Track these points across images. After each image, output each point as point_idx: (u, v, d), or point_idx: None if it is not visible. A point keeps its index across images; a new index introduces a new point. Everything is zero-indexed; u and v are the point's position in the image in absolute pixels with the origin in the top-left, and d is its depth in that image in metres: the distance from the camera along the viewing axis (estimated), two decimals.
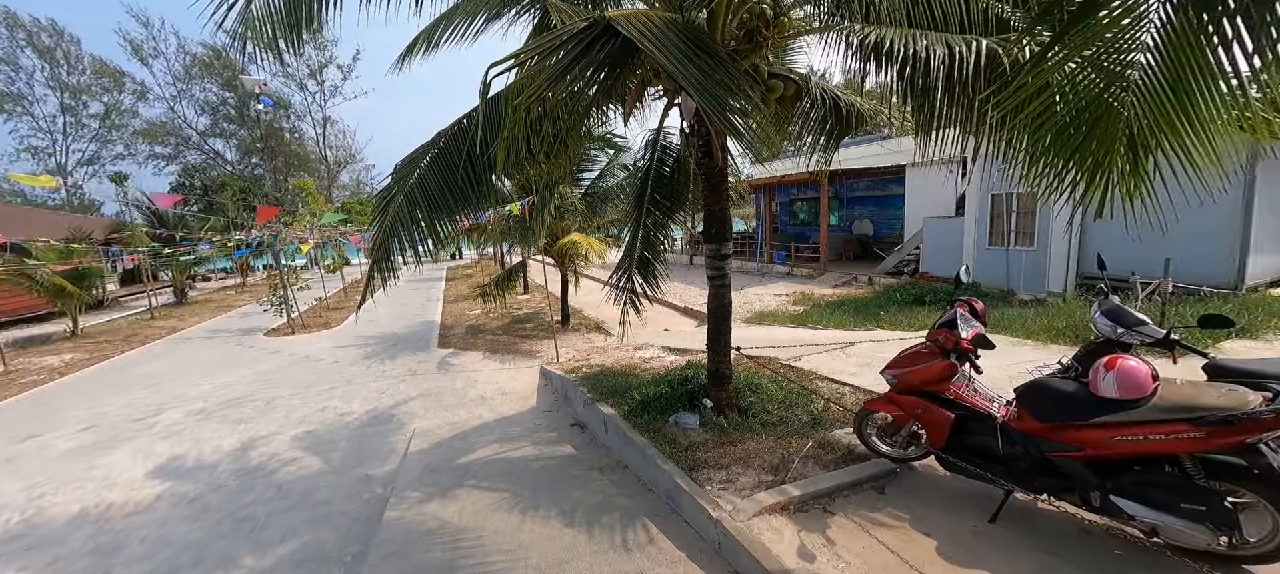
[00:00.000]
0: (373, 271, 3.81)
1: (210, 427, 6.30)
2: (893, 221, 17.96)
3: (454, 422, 5.94)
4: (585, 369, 6.82)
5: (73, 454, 5.69)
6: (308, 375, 8.38)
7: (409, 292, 19.04)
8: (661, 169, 5.19)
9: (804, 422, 3.98)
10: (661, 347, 7.95)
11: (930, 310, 9.22)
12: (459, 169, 3.68)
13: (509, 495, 3.77)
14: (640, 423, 4.15)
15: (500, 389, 7.09)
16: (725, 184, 3.91)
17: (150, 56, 34.61)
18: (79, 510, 4.49)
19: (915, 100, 3.00)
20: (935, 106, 2.94)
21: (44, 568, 3.73)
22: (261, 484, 4.78)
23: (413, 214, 3.62)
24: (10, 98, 32.45)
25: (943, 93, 2.83)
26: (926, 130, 3.15)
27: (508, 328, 11.02)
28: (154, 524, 4.22)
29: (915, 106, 3.10)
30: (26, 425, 6.73)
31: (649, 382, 5.11)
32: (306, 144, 39.78)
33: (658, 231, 5.61)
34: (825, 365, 5.61)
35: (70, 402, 7.74)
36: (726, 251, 4.04)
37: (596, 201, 10.24)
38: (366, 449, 5.40)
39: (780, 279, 15.71)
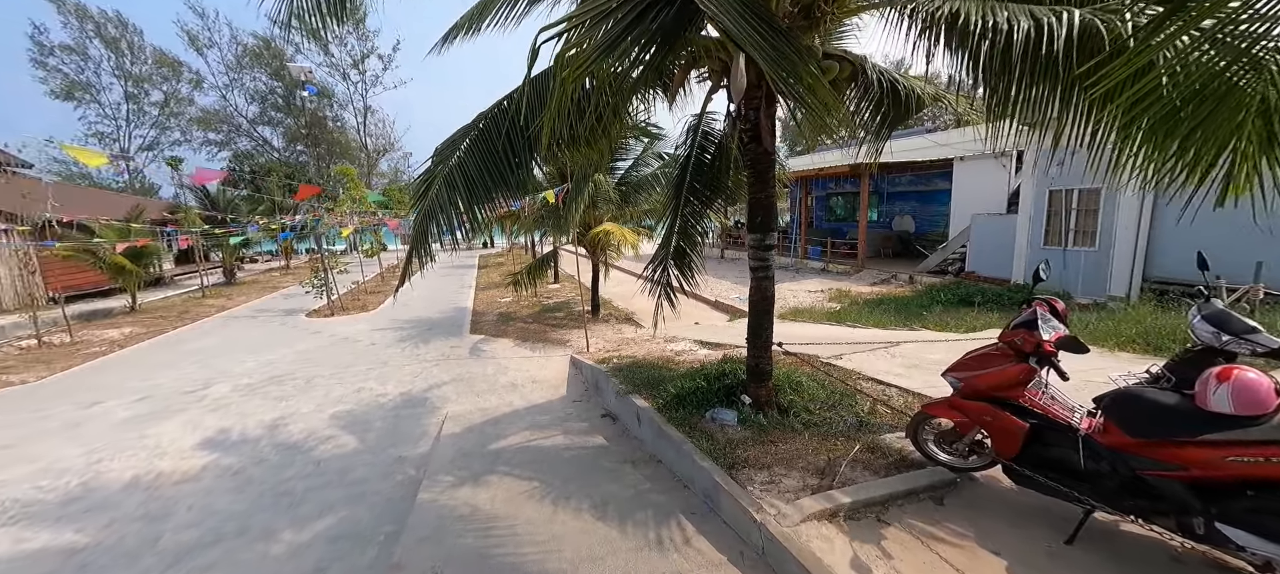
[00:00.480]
0: (411, 255, 3.78)
1: (253, 402, 6.50)
2: (936, 218, 17.22)
3: (485, 407, 5.95)
4: (616, 360, 6.73)
5: (129, 423, 5.96)
6: (345, 356, 8.58)
7: (442, 278, 19.39)
8: (702, 157, 5.01)
9: (849, 423, 3.77)
10: (693, 340, 7.79)
11: (980, 312, 8.74)
12: (498, 152, 3.60)
13: (540, 485, 3.71)
14: (675, 417, 4.01)
15: (531, 376, 7.08)
16: (772, 171, 3.71)
17: (205, 47, 36.29)
18: (132, 477, 4.68)
19: (991, 82, 2.73)
20: (1014, 89, 2.66)
21: (100, 530, 3.88)
22: (300, 460, 4.88)
23: (451, 198, 3.56)
24: (80, 86, 34.55)
25: (1025, 73, 2.56)
26: (1001, 116, 2.87)
27: (538, 316, 11.05)
28: (200, 493, 4.35)
29: (989, 89, 2.83)
30: (89, 394, 7.10)
31: (683, 375, 4.97)
32: (348, 132, 41.04)
33: (695, 222, 5.44)
34: (868, 365, 5.34)
35: (128, 373, 8.14)
36: (771, 243, 3.84)
37: (630, 191, 10.11)
38: (400, 431, 5.45)
39: (815, 275, 15.27)
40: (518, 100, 3.70)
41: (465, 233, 3.60)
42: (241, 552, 3.55)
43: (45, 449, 5.33)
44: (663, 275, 5.48)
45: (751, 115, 3.54)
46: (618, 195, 9.59)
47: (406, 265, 3.72)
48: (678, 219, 5.21)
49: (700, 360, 6.12)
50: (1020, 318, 2.60)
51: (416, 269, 3.73)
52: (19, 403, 6.89)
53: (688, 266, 5.57)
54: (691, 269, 5.58)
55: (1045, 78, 2.62)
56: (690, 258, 5.58)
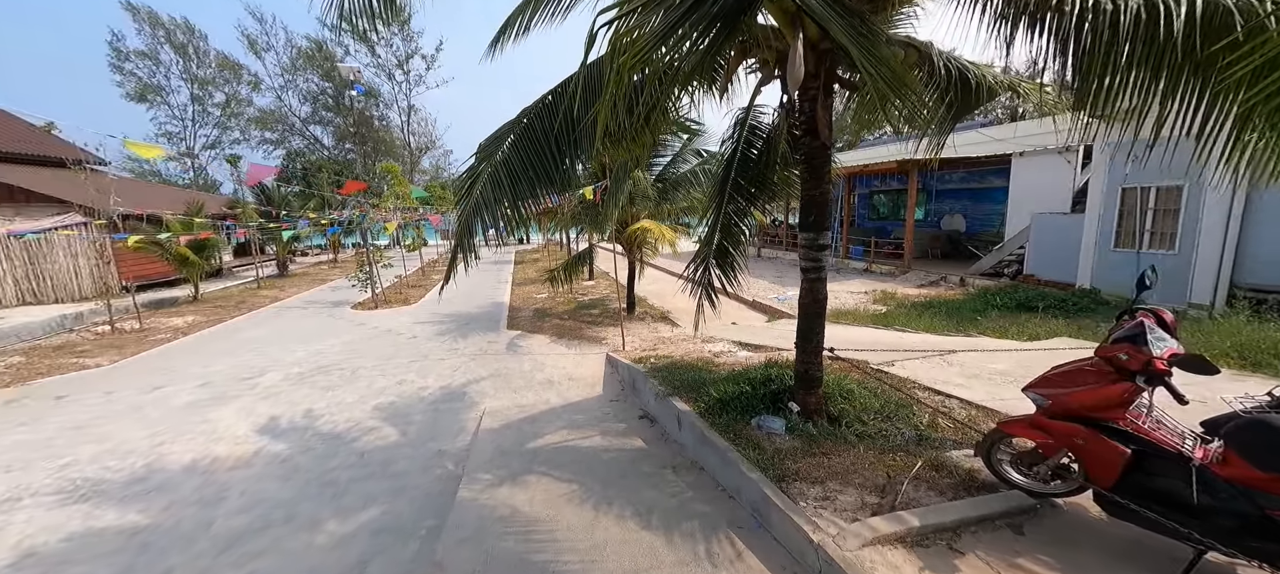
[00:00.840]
0: (456, 252, 3.76)
1: (302, 391, 6.72)
2: (990, 218, 16.32)
3: (522, 404, 5.94)
4: (653, 360, 6.60)
5: (189, 407, 6.25)
6: (388, 348, 8.79)
7: (480, 273, 19.75)
8: (748, 152, 4.80)
9: (907, 436, 3.52)
10: (732, 341, 7.58)
11: (1042, 318, 8.16)
12: (543, 148, 3.53)
13: (579, 488, 3.62)
14: (718, 423, 3.85)
15: (567, 374, 7.04)
16: (828, 166, 3.49)
17: (263, 50, 38.27)
18: (191, 460, 4.88)
19: (1084, 69, 2.44)
20: (1109, 78, 2.37)
21: (160, 511, 4.04)
22: (344, 451, 4.98)
23: (496, 196, 3.51)
24: (152, 89, 37.04)
25: (1130, 59, 2.27)
26: (1091, 106, 2.57)
27: (573, 313, 11.05)
28: (252, 479, 4.49)
29: (1080, 76, 2.54)
30: (154, 378, 7.52)
31: (725, 378, 4.80)
32: (392, 131, 42.45)
33: (739, 220, 5.24)
34: (923, 373, 5.02)
35: (189, 359, 8.59)
36: (825, 242, 3.62)
37: (668, 188, 9.96)
38: (440, 425, 5.50)
39: (857, 276, 14.72)
40: (563, 95, 3.62)
41: (509, 229, 3.55)
42: (288, 540, 3.62)
43: (113, 430, 5.64)
44: (704, 274, 5.31)
45: (806, 107, 3.33)
46: (656, 192, 9.45)
47: (451, 263, 3.70)
48: (721, 216, 5.03)
49: (741, 363, 5.93)
50: (1123, 331, 2.31)
51: (461, 266, 3.70)
52: (93, 384, 7.35)
53: (730, 266, 5.38)
54: (734, 268, 5.38)
55: (1150, 63, 2.32)
56: (733, 257, 5.38)
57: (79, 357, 8.89)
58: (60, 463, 4.90)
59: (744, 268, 5.52)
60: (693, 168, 9.82)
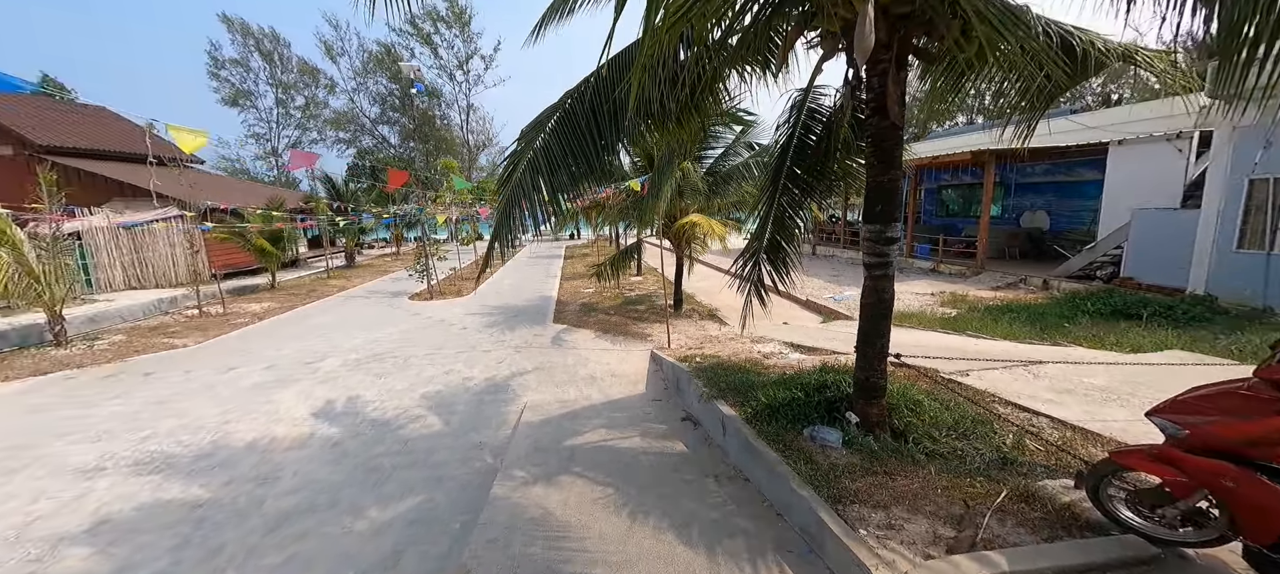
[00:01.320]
0: (493, 244, 3.66)
1: (357, 377, 6.96)
2: (1079, 214, 14.75)
3: (564, 399, 5.84)
4: (699, 359, 6.33)
5: (256, 388, 6.61)
6: (439, 338, 9.00)
7: (530, 267, 20.11)
8: (805, 138, 4.43)
9: (987, 459, 3.06)
10: (783, 341, 7.17)
11: (1147, 328, 7.17)
12: (583, 131, 3.34)
13: (615, 493, 3.43)
14: (767, 431, 3.54)
15: (610, 370, 6.89)
16: (899, 149, 3.08)
17: (338, 55, 40.83)
18: (252, 439, 5.11)
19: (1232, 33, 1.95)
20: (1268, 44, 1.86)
21: (220, 487, 4.22)
22: (390, 438, 5.06)
23: (535, 182, 3.37)
24: (243, 93, 40.48)
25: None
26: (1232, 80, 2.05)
27: (619, 308, 10.92)
28: (304, 461, 4.63)
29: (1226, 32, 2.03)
30: (229, 359, 8.05)
31: (775, 382, 4.45)
32: (453, 129, 44.19)
33: (793, 213, 4.87)
34: (1005, 386, 4.45)
35: (261, 343, 9.17)
36: (894, 235, 3.21)
37: (718, 182, 9.60)
38: (482, 416, 5.50)
39: (923, 276, 13.70)
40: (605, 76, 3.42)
41: (548, 220, 3.40)
42: (330, 524, 3.66)
43: (190, 406, 6.04)
44: (753, 271, 5.00)
45: (875, 83, 2.95)
46: (705, 186, 9.13)
47: (487, 255, 3.60)
48: (773, 208, 4.68)
49: (792, 366, 5.54)
50: None
51: (498, 259, 3.59)
52: (178, 363, 7.97)
53: (783, 262, 5.04)
54: (787, 265, 5.04)
55: None
56: (786, 252, 5.04)
57: (169, 337, 9.71)
58: (141, 435, 5.28)
59: (798, 265, 5.15)
60: (745, 161, 9.41)
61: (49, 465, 4.68)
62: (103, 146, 17.52)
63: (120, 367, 7.88)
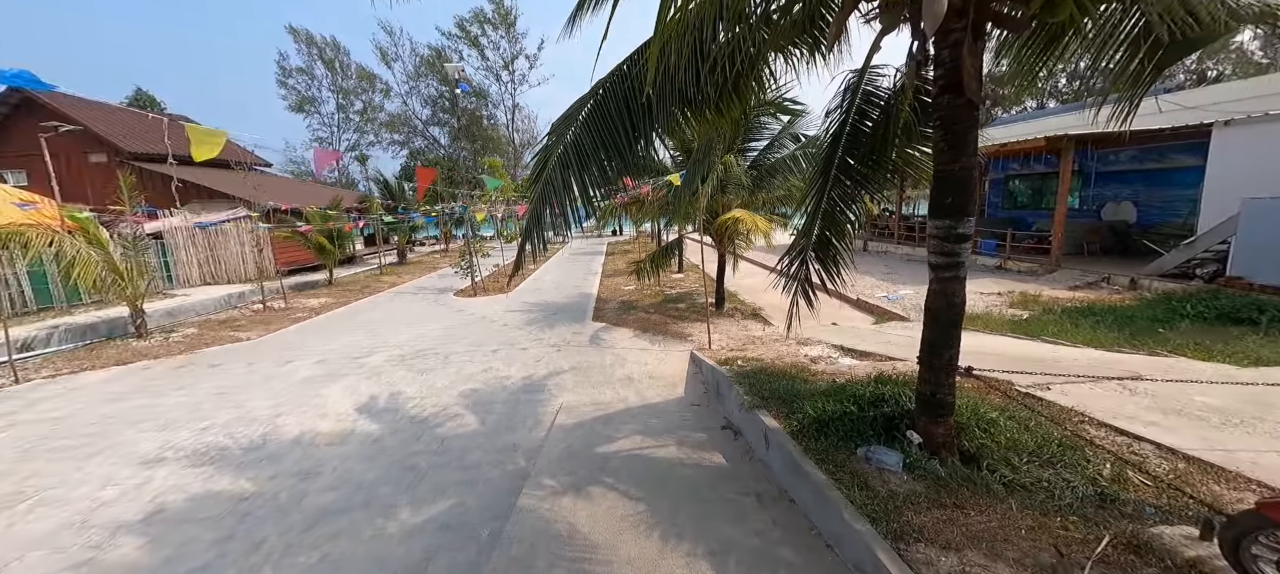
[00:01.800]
0: (524, 243, 3.52)
1: (400, 373, 7.08)
2: (1173, 205, 13.22)
3: (599, 401, 5.69)
4: (741, 362, 6.01)
5: (307, 382, 6.85)
6: (480, 334, 9.08)
7: (571, 264, 20.20)
8: (860, 124, 4.03)
9: (1081, 494, 2.62)
10: (831, 345, 6.72)
11: (1266, 335, 6.22)
12: (615, 122, 3.13)
13: (647, 510, 3.22)
14: (815, 448, 3.21)
15: (648, 371, 6.68)
16: (974, 132, 2.67)
17: (392, 60, 42.67)
18: (298, 433, 5.25)
19: None
20: None
21: (265, 481, 4.32)
22: (427, 436, 5.06)
23: (565, 178, 3.18)
24: (308, 100, 43.05)
25: None
26: None
27: (659, 306, 10.69)
28: (344, 458, 4.69)
29: None
30: (286, 353, 8.42)
31: (825, 393, 4.09)
32: (499, 129, 45.28)
33: (845, 206, 4.48)
34: (1095, 403, 3.89)
35: (316, 337, 9.57)
36: (965, 231, 2.81)
37: (763, 175, 9.17)
38: (517, 416, 5.42)
39: (988, 274, 12.69)
40: (637, 62, 3.19)
41: (579, 217, 3.21)
42: (363, 525, 3.64)
43: (246, 397, 6.31)
44: (800, 269, 4.65)
45: (947, 55, 2.57)
46: (749, 179, 8.73)
47: (518, 256, 3.47)
48: (823, 201, 4.32)
49: (843, 373, 5.13)
50: None
51: (531, 260, 3.45)
52: (241, 356, 8.41)
53: (832, 260, 4.67)
54: (837, 263, 4.67)
55: None
56: (836, 249, 4.67)
57: (235, 330, 10.32)
58: (201, 425, 5.54)
59: (849, 263, 4.76)
60: (792, 153, 8.94)
61: (120, 453, 4.97)
62: (182, 153, 18.99)
63: (190, 358, 8.41)
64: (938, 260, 2.85)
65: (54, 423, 5.81)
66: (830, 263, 4.66)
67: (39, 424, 5.78)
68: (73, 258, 8.51)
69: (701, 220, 8.35)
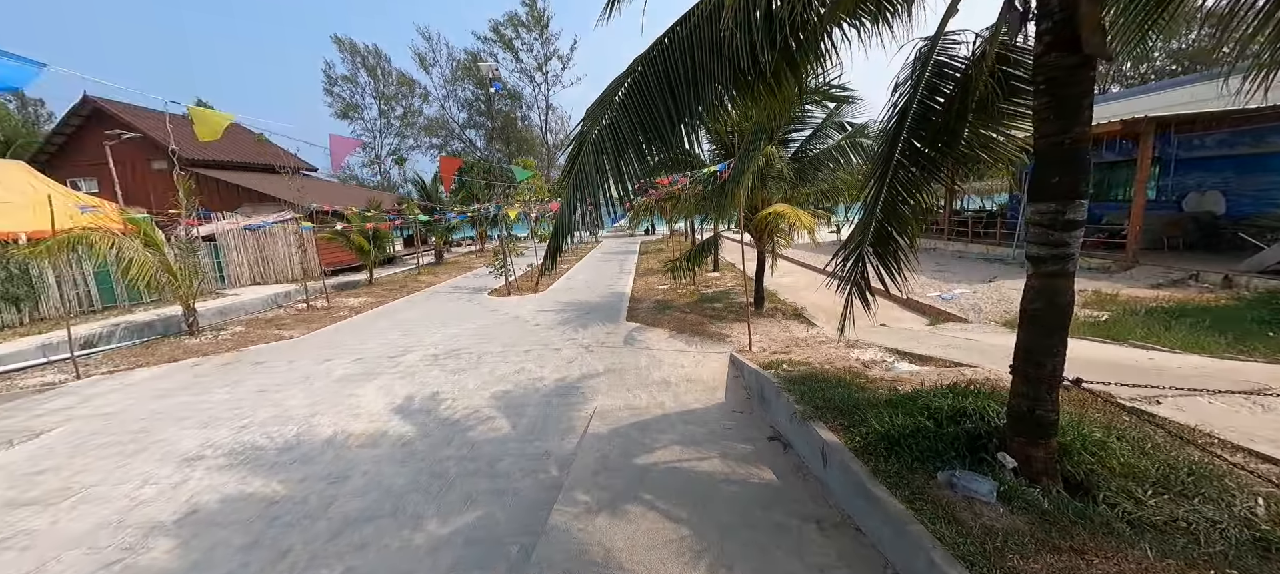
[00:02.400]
0: (555, 239, 3.26)
1: (433, 373, 6.98)
2: (1271, 193, 11.88)
3: (635, 406, 5.39)
4: (786, 366, 5.59)
5: (343, 381, 6.84)
6: (513, 334, 8.95)
7: (604, 263, 20.03)
8: (930, 101, 3.58)
9: (1235, 538, 2.12)
10: (884, 347, 6.21)
11: None
12: (656, 102, 2.81)
13: (691, 535, 2.88)
14: (887, 470, 2.80)
15: (685, 375, 6.34)
16: (1090, 96, 2.21)
17: (430, 66, 43.74)
18: (332, 434, 5.17)
19: None
20: None
21: (296, 484, 4.23)
22: (458, 440, 4.89)
23: (599, 165, 2.88)
24: (352, 107, 44.66)
25: None
26: None
27: (695, 306, 10.31)
28: (374, 461, 4.56)
29: None
30: (325, 351, 8.51)
31: (889, 402, 3.65)
32: (533, 130, 45.77)
33: (909, 195, 4.03)
34: (1219, 420, 3.30)
35: (354, 336, 9.67)
36: (1076, 215, 2.34)
37: (805, 168, 8.67)
38: (550, 420, 5.19)
39: None
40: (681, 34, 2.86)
41: (615, 209, 2.91)
42: (389, 535, 3.47)
43: (285, 397, 6.34)
44: (856, 269, 4.22)
45: (1057, 6, 2.12)
46: (791, 172, 8.24)
47: (550, 251, 3.20)
48: (883, 191, 3.88)
49: (903, 379, 4.65)
50: None
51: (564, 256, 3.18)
52: (283, 354, 8.55)
53: (893, 257, 4.22)
54: (898, 260, 4.22)
55: None
56: (897, 245, 4.21)
57: (279, 329, 10.57)
58: (240, 424, 5.55)
59: (911, 260, 4.30)
60: (837, 143, 8.40)
61: (161, 451, 5.01)
62: (237, 158, 19.87)
63: (237, 356, 8.61)
64: (1040, 252, 2.39)
65: (107, 419, 5.96)
66: (890, 260, 4.21)
67: (92, 420, 5.95)
68: (131, 259, 8.87)
69: (740, 216, 7.94)
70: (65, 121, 18.65)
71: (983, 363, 5.11)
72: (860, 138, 7.99)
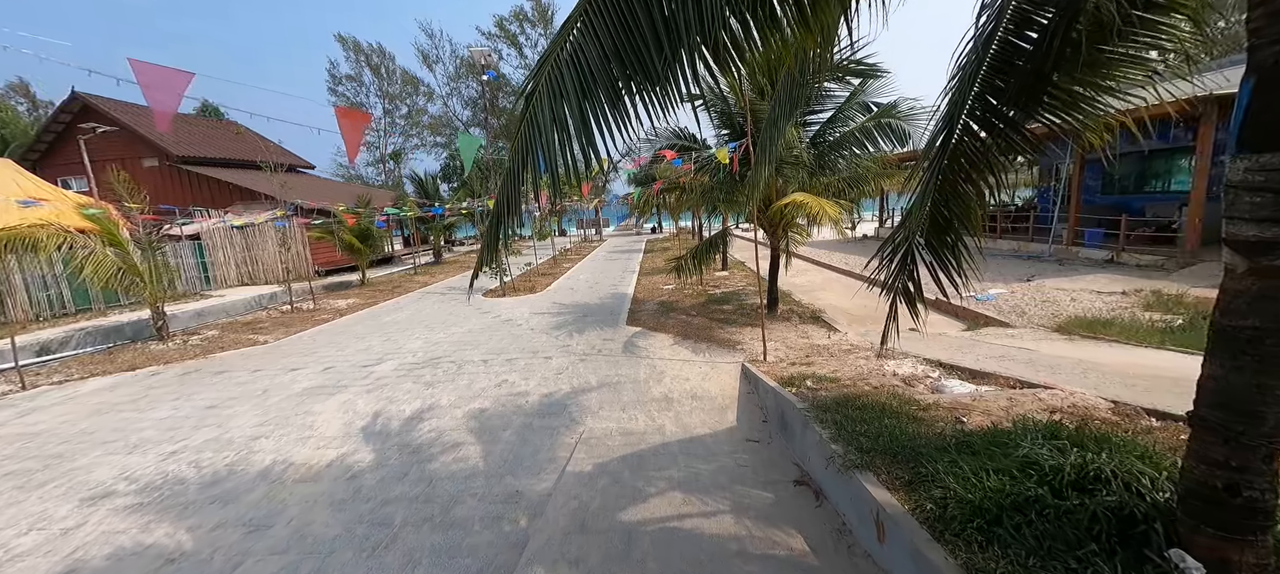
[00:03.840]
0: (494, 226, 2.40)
1: (405, 386, 6.16)
2: None
3: (629, 430, 4.53)
4: (810, 383, 4.68)
5: (305, 395, 6.03)
6: (502, 340, 8.10)
7: (608, 262, 19.18)
8: (1017, 34, 2.65)
9: None
10: (924, 359, 5.29)
11: None
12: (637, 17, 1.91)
13: None
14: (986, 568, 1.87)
15: (690, 389, 5.46)
16: None
17: (433, 63, 43.18)
18: (268, 464, 4.36)
19: None
20: None
21: (208, 531, 3.45)
22: (414, 473, 4.06)
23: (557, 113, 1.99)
24: (356, 106, 44.18)
25: None
26: None
27: (702, 308, 9.40)
28: (308, 502, 3.74)
29: None
30: (295, 359, 7.72)
31: (965, 447, 2.70)
32: None
33: (978, 170, 3.14)
34: None
35: (331, 340, 8.89)
36: None
37: (825, 153, 7.73)
38: (526, 449, 4.33)
39: (1096, 269, 10.66)
40: None
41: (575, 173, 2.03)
42: None
43: (233, 414, 5.54)
44: (904, 269, 3.34)
45: None
46: (811, 158, 7.31)
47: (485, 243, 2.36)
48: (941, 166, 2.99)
49: (963, 404, 3.71)
50: None
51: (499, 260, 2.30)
52: (251, 361, 7.78)
53: (952, 252, 3.33)
54: (959, 257, 3.33)
55: None
56: (958, 237, 3.32)
57: (256, 333, 9.82)
58: (171, 449, 4.77)
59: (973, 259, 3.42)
60: (862, 125, 7.44)
61: (68, 483, 4.22)
62: (231, 156, 19.29)
63: (201, 363, 7.85)
64: (1259, 233, 1.47)
65: (27, 440, 5.21)
66: (949, 258, 3.30)
67: (11, 441, 5.19)
68: (84, 259, 8.15)
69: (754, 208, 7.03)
70: (54, 119, 18.18)
71: (1056, 381, 4.16)
72: (888, 118, 7.04)
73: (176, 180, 17.67)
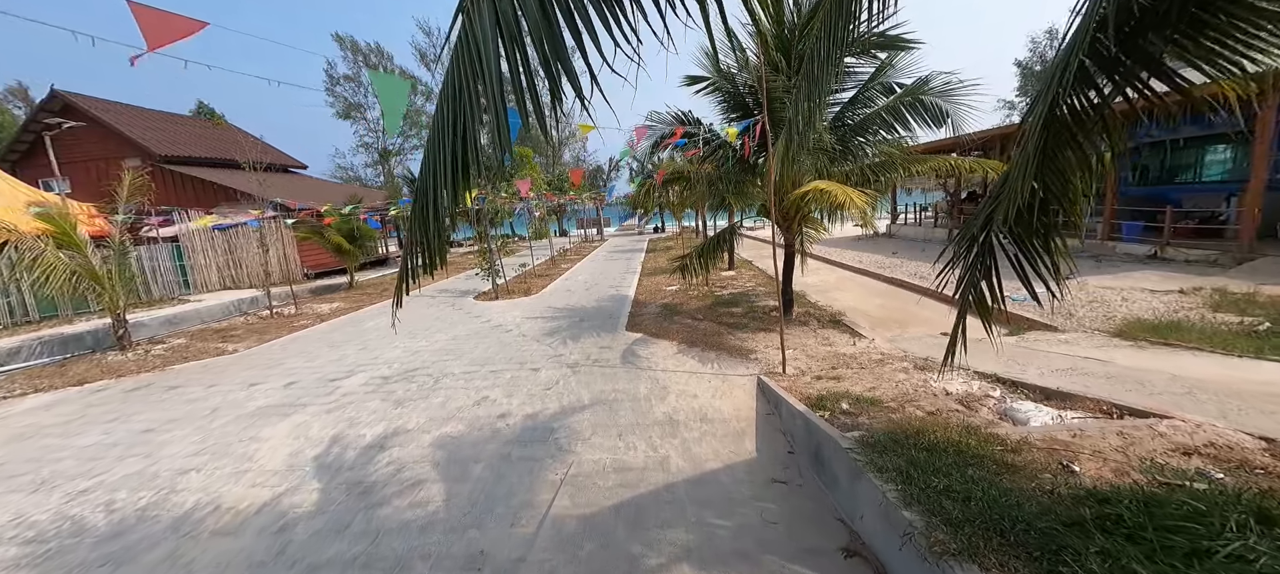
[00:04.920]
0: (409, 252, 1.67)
1: (371, 404, 5.37)
2: None
3: (626, 466, 3.72)
4: (846, 404, 3.87)
5: (255, 416, 5.26)
6: (488, 349, 7.30)
7: (608, 262, 18.39)
8: None
9: None
10: (979, 374, 4.48)
11: None
12: None
13: None
14: None
15: (699, 410, 4.64)
16: None
17: (432, 62, 42.50)
18: (189, 509, 3.60)
19: None
20: None
21: None
22: (358, 523, 3.28)
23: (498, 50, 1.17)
24: (354, 106, 43.58)
25: None
26: None
27: (709, 311, 8.58)
28: (218, 567, 2.95)
29: None
30: (258, 372, 6.95)
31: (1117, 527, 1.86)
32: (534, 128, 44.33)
33: (1085, 132, 2.36)
34: None
35: (303, 349, 8.12)
36: None
37: (847, 136, 6.89)
38: (500, 490, 3.53)
39: (1139, 265, 9.79)
40: None
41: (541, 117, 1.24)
42: None
43: (168, 440, 4.78)
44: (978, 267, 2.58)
45: None
46: (832, 142, 6.47)
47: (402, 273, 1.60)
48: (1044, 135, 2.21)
49: (1067, 444, 2.88)
50: None
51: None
52: (209, 374, 7.01)
53: (1048, 247, 2.54)
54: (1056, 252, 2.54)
55: None
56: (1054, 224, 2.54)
57: (226, 341, 9.07)
58: (83, 486, 4.01)
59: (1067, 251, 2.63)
60: (891, 103, 6.60)
61: None
62: (216, 155, 18.59)
63: (154, 377, 7.10)
64: None
65: None
66: (1042, 253, 2.51)
67: None
68: (32, 262, 7.42)
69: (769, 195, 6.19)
70: (33, 118, 17.53)
71: (1160, 404, 3.32)
72: (923, 94, 6.19)
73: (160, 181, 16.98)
